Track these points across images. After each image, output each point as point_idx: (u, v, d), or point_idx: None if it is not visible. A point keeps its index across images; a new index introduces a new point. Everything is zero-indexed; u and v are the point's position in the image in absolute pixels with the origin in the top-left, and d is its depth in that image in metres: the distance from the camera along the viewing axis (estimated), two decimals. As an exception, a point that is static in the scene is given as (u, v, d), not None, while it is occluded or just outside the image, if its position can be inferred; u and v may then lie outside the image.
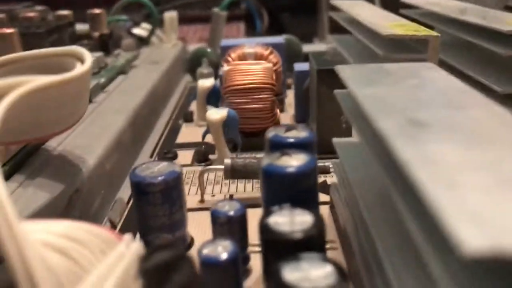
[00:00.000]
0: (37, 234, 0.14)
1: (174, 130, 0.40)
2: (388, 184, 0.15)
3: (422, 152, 0.14)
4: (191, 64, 0.50)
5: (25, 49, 0.36)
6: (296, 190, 0.19)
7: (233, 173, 0.27)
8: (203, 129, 0.39)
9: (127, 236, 0.16)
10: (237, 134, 0.33)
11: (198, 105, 0.40)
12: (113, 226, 0.26)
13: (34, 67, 0.22)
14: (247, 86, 0.34)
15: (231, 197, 0.28)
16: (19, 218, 0.13)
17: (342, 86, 0.26)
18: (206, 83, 0.40)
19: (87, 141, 0.29)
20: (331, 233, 0.24)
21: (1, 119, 0.15)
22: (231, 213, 0.21)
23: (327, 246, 0.23)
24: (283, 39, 0.46)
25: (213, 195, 0.29)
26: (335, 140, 0.25)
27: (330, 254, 0.23)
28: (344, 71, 0.22)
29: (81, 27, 0.53)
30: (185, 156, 0.35)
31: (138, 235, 0.23)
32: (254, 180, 0.30)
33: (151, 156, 0.36)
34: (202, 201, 0.28)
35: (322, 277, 0.15)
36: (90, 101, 0.37)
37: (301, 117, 0.40)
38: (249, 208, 0.26)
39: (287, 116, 0.42)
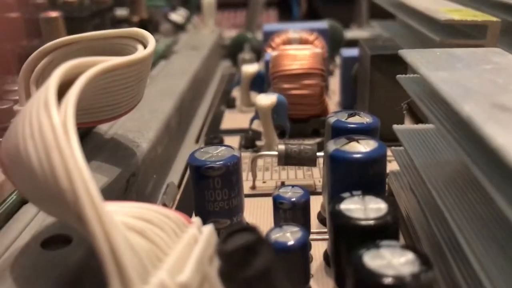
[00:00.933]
0: (117, 216, 0.14)
1: (217, 116, 0.40)
2: (476, 170, 0.14)
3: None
4: (232, 50, 0.50)
5: (69, 34, 0.36)
6: (365, 177, 0.19)
7: (287, 159, 0.27)
8: (247, 115, 0.39)
9: (197, 219, 0.16)
10: (286, 120, 0.33)
11: (242, 91, 0.40)
12: (167, 210, 0.26)
13: (96, 48, 0.21)
14: (296, 72, 0.33)
15: (282, 184, 0.28)
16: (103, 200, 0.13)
17: (396, 72, 0.26)
18: (250, 69, 0.39)
19: (138, 125, 0.29)
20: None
21: (76, 99, 0.15)
22: (295, 199, 0.20)
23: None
24: (326, 24, 0.45)
25: (264, 181, 0.28)
26: (396, 127, 0.24)
27: (391, 243, 0.22)
28: (411, 56, 0.21)
29: (120, 11, 0.53)
30: (231, 142, 0.34)
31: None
32: (305, 167, 0.30)
33: (197, 141, 0.35)
34: (253, 187, 0.28)
35: (405, 264, 0.14)
36: (136, 86, 0.37)
37: (347, 104, 0.39)
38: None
39: (331, 102, 0.41)
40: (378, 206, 0.17)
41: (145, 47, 0.22)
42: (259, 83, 0.39)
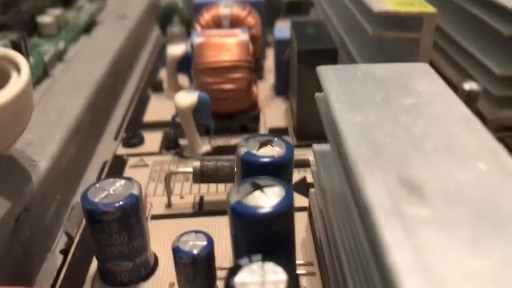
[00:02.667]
0: None
1: (141, 103, 0.37)
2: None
3: (411, 244, 0.11)
4: (162, 21, 0.46)
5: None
6: (269, 233, 0.17)
7: (203, 177, 0.24)
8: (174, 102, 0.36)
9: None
10: (209, 118, 0.30)
11: (168, 75, 0.37)
12: (70, 238, 0.24)
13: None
14: (220, 65, 0.30)
15: (201, 201, 0.26)
16: None
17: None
18: (176, 51, 0.36)
19: (39, 135, 0.26)
20: (309, 251, 0.22)
21: None
22: (196, 251, 0.18)
23: (304, 271, 0.21)
24: (262, -5, 0.41)
25: (182, 197, 0.26)
26: (316, 147, 0.22)
27: (307, 280, 0.21)
28: (327, 80, 0.19)
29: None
30: (152, 140, 0.32)
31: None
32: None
33: (115, 138, 0.33)
34: (169, 205, 0.25)
35: None
36: (47, 75, 0.33)
37: (281, 89, 0.36)
38: (221, 216, 0.24)
39: (266, 85, 0.38)
40: (277, 279, 0.15)
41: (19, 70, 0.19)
42: (187, 65, 0.36)
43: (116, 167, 0.29)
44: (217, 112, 0.31)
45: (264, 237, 0.17)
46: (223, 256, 0.22)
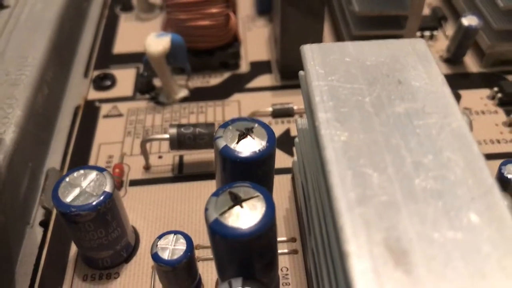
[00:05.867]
0: None
1: (110, 28, 0.34)
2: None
3: None
4: None
5: None
6: (250, 253, 0.16)
7: (180, 145, 0.23)
8: (146, 25, 0.33)
9: None
10: (185, 61, 0.28)
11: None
12: (48, 211, 0.23)
13: None
14: (194, 0, 0.27)
15: (180, 161, 0.25)
16: None
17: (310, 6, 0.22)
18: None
19: (1, 97, 0.24)
20: (292, 224, 0.22)
21: None
22: (176, 257, 0.18)
23: (286, 250, 0.21)
24: None
25: (160, 157, 0.25)
26: (299, 122, 0.21)
27: (290, 258, 0.21)
28: (312, 70, 0.17)
29: None
30: (126, 78, 0.30)
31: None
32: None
33: (85, 74, 0.30)
34: (147, 167, 0.24)
35: None
36: (2, 6, 0.30)
37: (263, 7, 0.33)
38: (201, 181, 0.23)
39: (246, 3, 0.35)
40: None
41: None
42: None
43: (89, 118, 0.27)
44: (193, 49, 0.28)
45: (245, 257, 0.16)
46: (204, 234, 0.22)
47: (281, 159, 0.24)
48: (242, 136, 0.19)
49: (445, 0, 0.34)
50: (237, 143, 0.19)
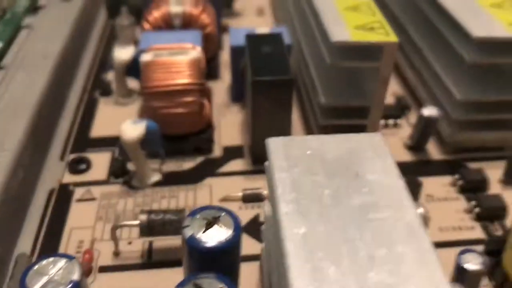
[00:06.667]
0: None
1: (88, 111, 0.35)
2: None
3: None
4: (110, 9, 0.42)
5: None
6: None
7: (150, 230, 0.23)
8: (124, 110, 0.35)
9: None
10: (160, 146, 0.29)
11: (117, 81, 0.35)
12: (14, 299, 0.23)
13: None
14: (170, 89, 0.28)
15: (150, 248, 0.25)
16: None
17: (280, 98, 0.25)
18: (123, 55, 0.33)
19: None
20: None
21: None
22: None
23: None
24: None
25: (130, 243, 0.25)
26: (266, 208, 0.22)
27: None
28: (276, 163, 0.18)
29: None
30: (101, 161, 0.30)
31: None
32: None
33: (61, 158, 0.31)
34: (117, 253, 0.25)
35: None
36: (-19, 89, 0.31)
37: (237, 96, 0.35)
38: (170, 268, 0.24)
39: (222, 87, 0.37)
40: None
41: None
42: (137, 68, 0.33)
43: (62, 202, 0.27)
44: (167, 134, 0.29)
45: None
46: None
47: (250, 246, 0.25)
48: (209, 225, 0.19)
49: (409, 91, 0.36)
50: (204, 232, 0.19)
